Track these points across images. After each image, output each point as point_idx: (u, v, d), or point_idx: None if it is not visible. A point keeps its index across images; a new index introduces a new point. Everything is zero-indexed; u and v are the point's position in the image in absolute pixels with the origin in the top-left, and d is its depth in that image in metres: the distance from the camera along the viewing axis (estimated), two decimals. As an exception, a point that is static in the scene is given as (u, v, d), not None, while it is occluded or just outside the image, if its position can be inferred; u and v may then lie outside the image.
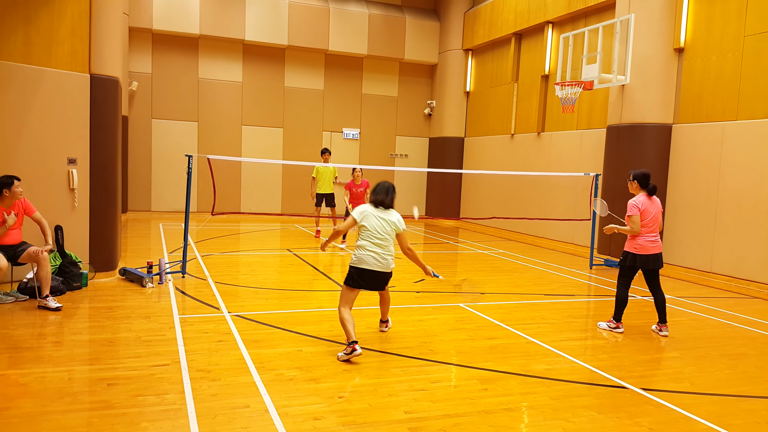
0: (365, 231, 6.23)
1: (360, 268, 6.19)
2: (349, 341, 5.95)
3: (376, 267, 6.18)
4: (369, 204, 6.39)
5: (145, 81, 18.23)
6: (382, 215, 6.28)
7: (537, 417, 4.80)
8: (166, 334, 6.55)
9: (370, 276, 6.21)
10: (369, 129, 21.01)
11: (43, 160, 8.58)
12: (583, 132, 14.89)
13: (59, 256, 8.52)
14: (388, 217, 6.29)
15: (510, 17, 17.59)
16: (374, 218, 6.25)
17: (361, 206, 6.38)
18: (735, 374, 6.08)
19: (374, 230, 6.21)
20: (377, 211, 6.29)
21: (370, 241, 6.20)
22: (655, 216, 7.37)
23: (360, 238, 6.28)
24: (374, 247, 6.19)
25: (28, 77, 8.39)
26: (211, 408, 4.64)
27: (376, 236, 6.20)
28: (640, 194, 7.46)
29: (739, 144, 10.89)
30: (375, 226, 6.21)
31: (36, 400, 4.69)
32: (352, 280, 6.24)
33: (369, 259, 6.17)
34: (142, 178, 18.39)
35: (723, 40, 11.35)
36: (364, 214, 6.27)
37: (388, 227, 6.26)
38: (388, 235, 6.25)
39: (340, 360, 5.93)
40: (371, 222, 6.23)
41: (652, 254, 7.40)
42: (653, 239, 7.40)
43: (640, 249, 7.41)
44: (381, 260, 6.20)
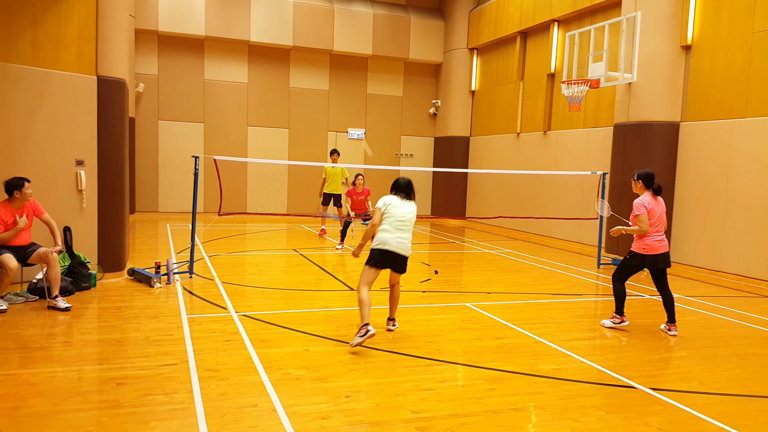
0: (389, 217, 6.60)
1: (383, 250, 6.51)
2: (363, 323, 6.15)
3: (398, 249, 6.53)
4: (391, 195, 6.78)
5: (151, 83, 18.28)
6: (405, 204, 6.71)
7: (545, 417, 4.79)
8: (174, 333, 6.57)
9: (391, 257, 6.55)
10: (374, 129, 21.01)
11: (51, 162, 8.61)
12: (589, 130, 14.86)
13: (68, 257, 8.55)
14: (409, 207, 6.72)
15: (515, 16, 17.56)
16: (398, 207, 6.65)
17: (384, 197, 6.73)
18: (745, 374, 6.06)
19: (398, 216, 6.60)
20: (400, 201, 6.70)
21: (394, 226, 6.57)
22: (661, 215, 7.38)
23: (383, 224, 6.61)
24: (397, 231, 6.56)
25: (36, 79, 8.42)
26: (219, 407, 4.65)
27: (400, 222, 6.59)
28: (646, 194, 7.45)
29: (748, 142, 10.85)
30: (399, 213, 6.61)
31: (46, 399, 4.71)
32: (375, 260, 6.54)
33: (392, 241, 6.52)
34: (149, 180, 18.43)
35: (731, 37, 11.31)
36: (389, 203, 6.67)
37: (409, 215, 6.69)
38: (409, 222, 6.68)
39: (353, 346, 6.11)
40: (396, 210, 6.63)
41: (660, 254, 7.39)
42: (660, 238, 7.39)
43: (649, 249, 7.38)
44: (402, 242, 6.56)
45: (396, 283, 6.97)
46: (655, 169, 12.16)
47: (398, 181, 6.87)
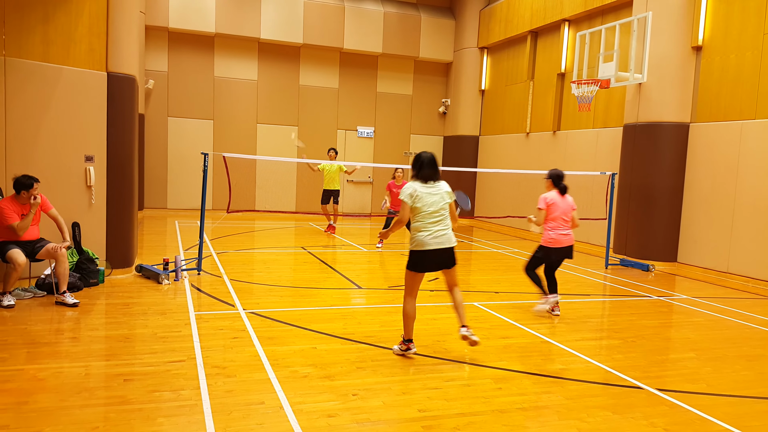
0: (419, 211, 5.85)
1: (422, 251, 5.85)
2: (407, 338, 6.01)
3: (438, 245, 5.84)
4: (414, 181, 5.96)
5: (161, 79, 18.34)
6: (432, 190, 5.91)
7: (551, 417, 4.78)
8: (181, 330, 6.59)
9: (433, 256, 5.86)
10: (384, 127, 21.01)
11: (60, 158, 8.65)
12: (599, 131, 14.81)
13: (76, 253, 8.59)
14: (439, 190, 5.93)
15: (526, 15, 17.52)
16: (426, 195, 5.86)
17: (407, 187, 5.91)
18: (752, 375, 6.03)
19: (429, 207, 5.84)
20: (427, 188, 5.91)
21: (426, 221, 5.84)
22: (565, 211, 8.02)
23: (415, 220, 5.89)
24: (432, 226, 5.84)
25: (47, 75, 8.46)
26: (226, 404, 4.66)
27: (432, 214, 5.85)
28: (552, 191, 8.10)
29: (758, 143, 10.80)
30: (429, 203, 5.84)
31: (53, 394, 4.74)
32: (415, 264, 5.92)
33: (428, 239, 5.82)
34: (158, 176, 18.49)
35: (742, 38, 11.25)
36: (415, 195, 5.84)
37: (441, 201, 5.90)
38: (443, 209, 5.90)
39: (396, 353, 6.01)
40: (424, 200, 5.84)
41: (564, 247, 8.03)
42: (565, 233, 8.03)
43: (554, 243, 8.02)
44: (441, 236, 5.86)
45: (454, 284, 6.13)
46: (664, 170, 12.26)
47: (419, 159, 6.00)
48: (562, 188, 8.09)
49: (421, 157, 6.01)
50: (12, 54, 8.15)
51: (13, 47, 8.17)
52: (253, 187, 19.45)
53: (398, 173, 13.59)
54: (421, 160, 5.99)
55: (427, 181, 5.93)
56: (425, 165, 5.96)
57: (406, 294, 6.04)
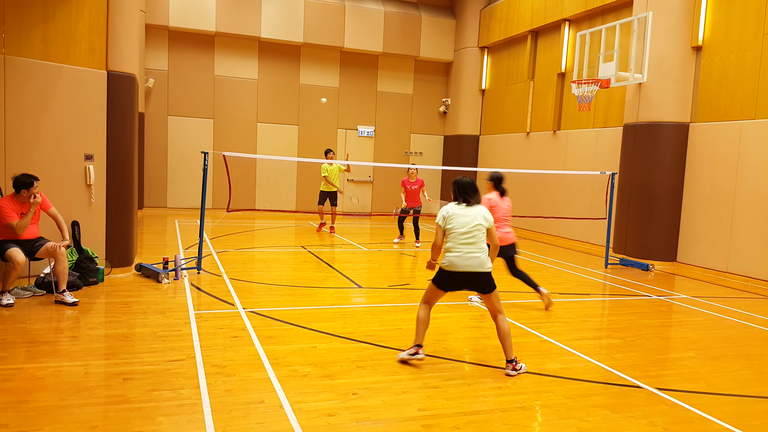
0: (451, 232, 5.82)
1: (450, 272, 5.80)
2: (416, 343, 5.88)
3: (467, 268, 5.76)
4: (450, 204, 5.99)
5: (161, 78, 18.33)
6: (467, 212, 5.87)
7: (551, 416, 4.78)
8: (181, 329, 6.59)
9: (461, 278, 5.81)
10: (384, 127, 21.01)
11: (60, 156, 8.64)
12: (599, 130, 14.81)
13: (76, 252, 8.59)
14: (474, 213, 5.88)
15: (526, 15, 17.51)
16: (460, 217, 5.84)
17: (442, 209, 5.95)
18: (752, 374, 6.03)
19: (461, 227, 5.80)
20: (461, 209, 5.89)
21: (458, 242, 5.79)
22: (506, 212, 8.47)
23: (447, 240, 5.86)
24: (463, 247, 5.77)
25: (47, 74, 8.45)
26: (226, 403, 4.66)
27: (464, 235, 5.79)
28: (493, 193, 8.46)
29: (758, 143, 10.79)
30: (461, 224, 5.80)
31: (53, 393, 4.73)
32: (441, 282, 5.90)
33: (458, 260, 5.76)
34: (158, 175, 18.49)
35: (742, 38, 11.25)
36: (448, 216, 5.87)
37: (473, 222, 5.83)
38: (476, 231, 5.82)
39: (399, 360, 5.87)
40: (457, 221, 5.82)
41: (507, 245, 8.37)
42: (506, 231, 8.40)
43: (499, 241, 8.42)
44: (471, 260, 5.77)
45: (496, 311, 5.92)
46: (664, 170, 12.26)
47: (457, 183, 6.02)
48: (502, 191, 8.50)
49: (458, 181, 6.03)
50: (12, 52, 8.15)
51: (13, 46, 8.16)
52: (253, 186, 19.44)
53: (411, 171, 13.95)
54: (457, 186, 6.01)
55: (461, 204, 5.93)
56: (461, 188, 5.98)
57: (423, 301, 6.02)
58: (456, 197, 5.99)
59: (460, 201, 5.95)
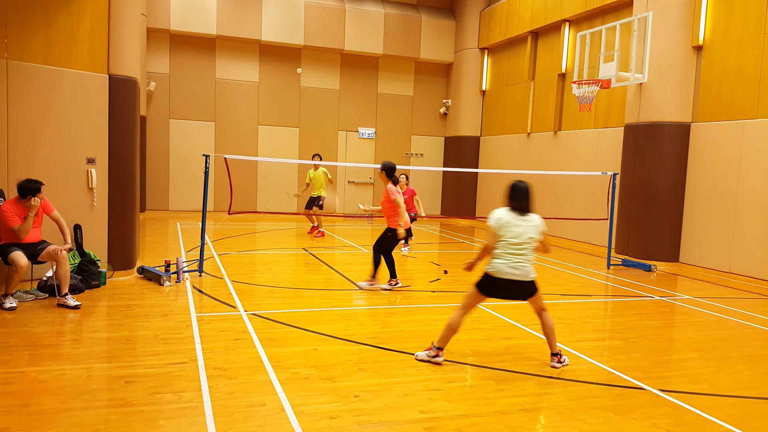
0: (502, 239, 5.70)
1: (494, 278, 5.72)
2: (438, 345, 5.84)
3: (512, 276, 5.69)
4: (505, 209, 5.83)
5: (162, 81, 18.35)
6: (521, 222, 5.75)
7: (553, 418, 4.78)
8: (183, 332, 6.59)
9: (506, 285, 5.74)
10: (384, 128, 21.01)
11: (62, 160, 8.66)
12: (600, 131, 14.81)
13: (78, 255, 8.59)
14: (528, 223, 5.76)
15: (526, 15, 17.51)
16: (514, 227, 5.71)
17: (496, 212, 5.79)
18: (755, 376, 6.02)
19: (513, 237, 5.69)
20: (515, 217, 5.75)
21: (507, 250, 5.70)
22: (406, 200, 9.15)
23: (498, 247, 5.74)
24: (511, 256, 5.69)
25: (48, 78, 8.47)
26: (227, 406, 4.66)
27: (515, 244, 5.69)
28: (390, 183, 8.94)
29: (759, 142, 10.78)
30: (514, 234, 5.69)
31: (55, 397, 4.74)
32: (485, 288, 5.80)
33: (504, 268, 5.68)
34: (159, 178, 18.51)
35: (743, 38, 11.24)
36: (501, 222, 5.73)
37: (528, 233, 5.74)
38: (527, 243, 5.73)
39: (418, 359, 5.89)
40: (510, 231, 5.69)
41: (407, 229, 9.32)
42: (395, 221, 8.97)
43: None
44: (518, 269, 5.70)
45: (541, 309, 5.98)
46: (665, 170, 12.25)
47: (513, 188, 5.84)
48: (395, 180, 8.98)
49: (518, 187, 5.83)
50: (14, 57, 8.16)
51: (15, 50, 8.17)
52: (254, 189, 19.45)
53: (402, 179, 12.94)
54: (517, 189, 5.82)
55: (518, 212, 5.78)
56: (516, 195, 5.81)
57: (462, 306, 5.91)
58: (510, 203, 5.81)
59: (513, 208, 5.78)
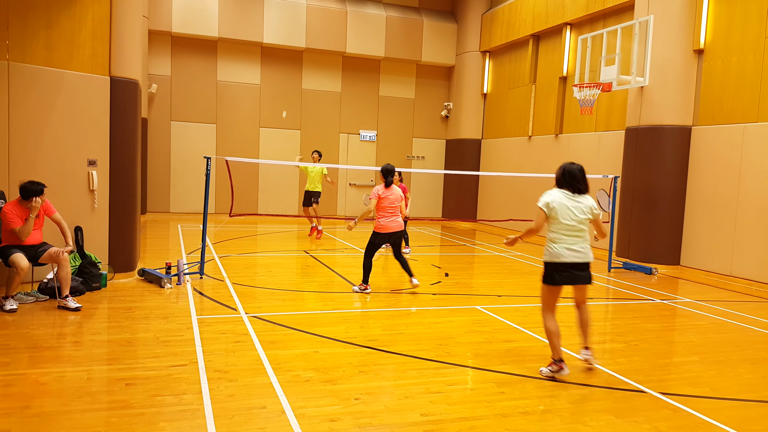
0: (557, 223, 5.59)
1: (558, 263, 5.60)
2: (557, 358, 5.71)
3: (575, 259, 5.59)
4: (557, 190, 5.70)
5: (164, 83, 18.37)
6: (575, 202, 5.63)
7: (554, 421, 4.77)
8: (183, 334, 6.59)
9: (570, 270, 5.63)
10: (386, 131, 21.03)
11: (63, 162, 8.67)
12: (601, 134, 14.81)
13: (79, 257, 8.60)
14: (582, 203, 5.64)
15: (528, 19, 17.53)
16: (567, 207, 5.58)
17: (547, 194, 5.66)
18: (756, 379, 6.01)
19: (568, 220, 5.58)
20: (568, 198, 5.62)
21: (563, 233, 5.59)
22: (392, 201, 9.02)
23: (551, 230, 5.65)
24: (570, 238, 5.59)
25: (50, 80, 8.48)
26: (228, 408, 4.66)
27: (570, 227, 5.59)
28: (380, 185, 9.11)
29: (760, 146, 10.78)
30: (568, 216, 5.57)
31: (55, 399, 4.74)
32: (551, 277, 5.68)
33: (565, 252, 5.57)
34: (161, 180, 18.52)
35: (744, 41, 11.24)
36: (554, 204, 5.60)
37: (582, 215, 5.61)
38: (583, 223, 5.61)
39: (543, 375, 5.73)
40: (564, 213, 5.57)
41: (393, 232, 9.05)
42: (392, 219, 9.06)
43: (383, 228, 9.05)
44: (579, 251, 5.61)
45: (582, 301, 5.96)
46: (666, 173, 12.24)
47: (566, 169, 5.67)
48: (388, 182, 9.10)
49: (570, 167, 5.69)
50: (16, 59, 8.18)
51: (16, 52, 8.19)
52: (255, 191, 19.46)
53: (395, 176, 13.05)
54: (567, 172, 5.68)
55: (571, 193, 5.66)
56: (572, 176, 5.65)
57: (544, 310, 5.84)
58: (561, 184, 5.69)
59: (567, 189, 5.66)
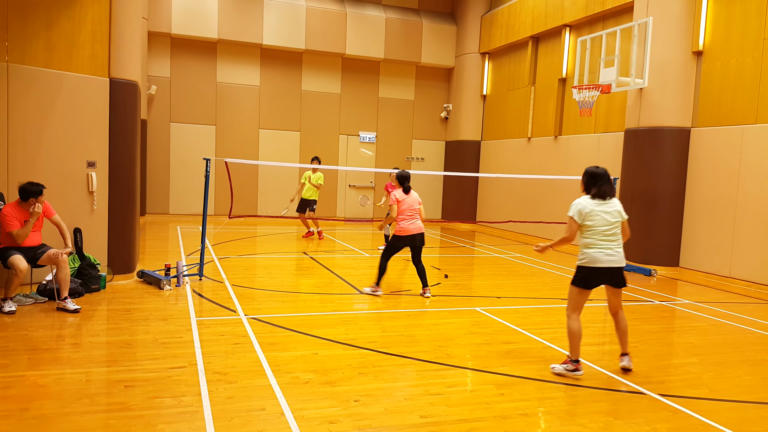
0: (591, 229, 5.72)
1: (593, 268, 5.73)
2: (574, 358, 5.79)
3: (611, 263, 5.73)
4: (585, 197, 5.82)
5: (163, 85, 18.37)
6: (605, 208, 5.76)
7: (554, 422, 4.77)
8: (183, 336, 6.59)
9: (605, 274, 5.76)
10: (385, 132, 21.03)
11: (63, 163, 8.66)
12: (600, 135, 14.81)
13: (78, 259, 8.59)
14: (612, 208, 5.77)
15: (527, 20, 17.54)
16: (599, 213, 5.73)
17: (578, 203, 5.79)
18: (755, 380, 6.01)
19: (602, 225, 5.71)
20: (598, 204, 5.76)
21: (598, 238, 5.71)
22: (411, 205, 9.06)
23: (585, 236, 5.76)
24: (605, 243, 5.71)
25: (49, 81, 8.48)
26: (227, 410, 4.66)
27: (605, 230, 5.71)
28: (399, 189, 9.18)
29: (759, 147, 10.78)
30: (603, 221, 5.71)
31: (54, 401, 4.73)
32: (585, 281, 5.79)
33: (602, 256, 5.70)
34: (160, 182, 18.51)
35: (743, 43, 11.25)
36: (585, 211, 5.74)
37: (614, 219, 5.75)
38: (616, 227, 5.76)
39: (555, 373, 5.81)
40: (598, 218, 5.72)
41: (415, 234, 9.03)
42: (412, 222, 9.04)
43: (403, 231, 9.03)
44: (614, 254, 5.74)
45: (618, 308, 6.04)
46: (665, 175, 12.24)
47: (595, 175, 5.84)
48: (406, 188, 9.17)
49: (596, 173, 5.84)
50: (15, 60, 8.18)
51: (16, 53, 8.19)
52: (255, 193, 19.46)
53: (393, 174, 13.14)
54: (597, 175, 5.83)
55: (601, 198, 5.78)
56: (604, 181, 5.80)
57: (571, 311, 5.90)
58: (589, 189, 5.81)
59: (595, 195, 5.77)
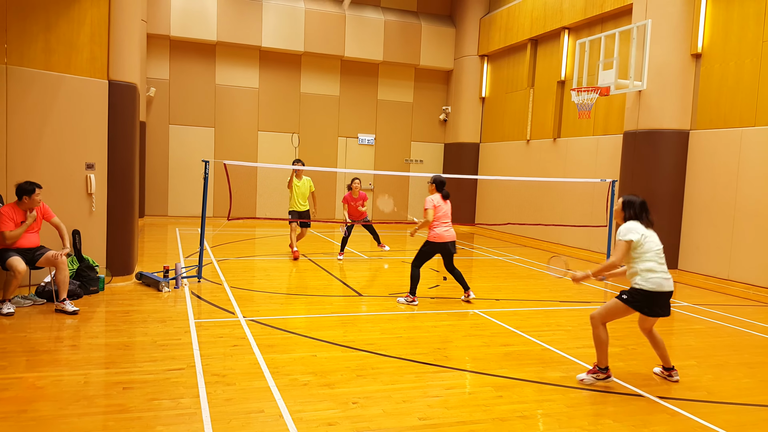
0: (649, 252, 5.63)
1: (658, 293, 5.58)
2: (603, 366, 5.76)
3: (670, 287, 5.66)
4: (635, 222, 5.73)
5: (162, 87, 18.37)
6: (652, 232, 5.77)
7: (552, 425, 4.77)
8: (181, 338, 6.58)
9: (665, 299, 5.67)
10: (384, 134, 21.03)
11: (61, 165, 8.66)
12: (599, 138, 14.82)
13: (77, 261, 8.59)
14: (654, 234, 5.77)
15: (526, 23, 17.56)
16: (652, 236, 5.72)
17: (634, 228, 5.67)
18: (754, 383, 6.01)
19: (657, 247, 5.68)
20: (647, 230, 5.73)
21: (658, 262, 5.63)
22: (446, 212, 8.84)
23: (644, 260, 5.61)
24: (662, 266, 5.65)
25: (48, 83, 8.48)
26: (225, 412, 4.65)
27: (659, 253, 5.67)
28: (435, 194, 8.88)
29: (758, 150, 10.79)
30: (655, 245, 5.69)
31: (52, 403, 4.73)
32: (641, 304, 5.62)
33: (665, 282, 5.60)
34: (159, 184, 18.51)
35: (741, 46, 11.27)
36: (640, 234, 5.66)
37: (660, 244, 5.75)
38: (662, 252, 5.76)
39: (585, 383, 5.73)
40: (652, 240, 5.69)
41: (447, 241, 8.76)
42: (446, 229, 8.80)
43: (438, 238, 8.74)
44: (670, 278, 5.69)
45: (652, 327, 5.95)
46: (664, 177, 12.24)
47: (642, 204, 5.82)
48: (445, 194, 8.95)
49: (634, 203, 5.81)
50: (14, 62, 8.18)
51: (15, 55, 8.19)
52: (253, 195, 19.46)
53: (355, 184, 12.76)
54: (643, 204, 5.82)
55: (647, 224, 5.77)
56: (644, 209, 5.80)
57: (602, 321, 5.80)
58: (637, 217, 5.77)
59: (644, 221, 5.76)
